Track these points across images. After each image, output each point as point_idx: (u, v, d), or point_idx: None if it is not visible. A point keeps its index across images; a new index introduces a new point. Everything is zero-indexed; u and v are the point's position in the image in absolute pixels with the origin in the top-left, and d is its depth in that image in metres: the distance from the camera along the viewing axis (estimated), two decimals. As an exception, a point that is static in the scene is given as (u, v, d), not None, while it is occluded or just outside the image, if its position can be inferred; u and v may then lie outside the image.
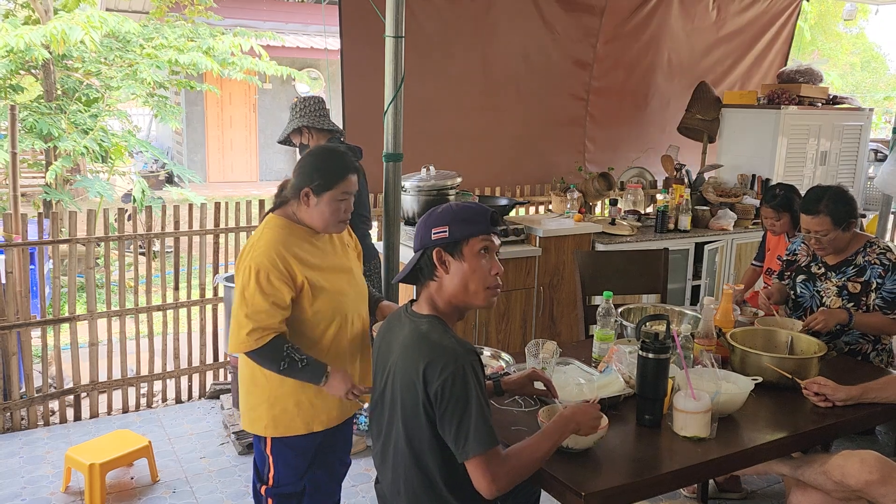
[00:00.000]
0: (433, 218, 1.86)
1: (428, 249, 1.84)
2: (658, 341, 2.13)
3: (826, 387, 2.34)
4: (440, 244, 1.83)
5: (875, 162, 10.30)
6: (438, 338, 1.77)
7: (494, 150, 4.92)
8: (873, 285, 2.93)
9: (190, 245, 4.10)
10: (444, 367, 1.71)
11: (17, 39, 6.13)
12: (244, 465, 3.46)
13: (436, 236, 1.83)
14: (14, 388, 3.68)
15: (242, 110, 13.98)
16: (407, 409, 1.78)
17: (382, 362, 1.91)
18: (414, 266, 1.87)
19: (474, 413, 1.70)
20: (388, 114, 3.61)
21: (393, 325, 1.94)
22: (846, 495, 2.27)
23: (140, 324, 4.21)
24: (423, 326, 1.82)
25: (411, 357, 1.77)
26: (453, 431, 1.71)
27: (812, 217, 2.92)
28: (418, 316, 1.86)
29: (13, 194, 4.02)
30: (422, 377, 1.72)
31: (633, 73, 5.45)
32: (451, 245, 1.82)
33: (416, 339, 1.80)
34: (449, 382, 1.70)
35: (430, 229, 1.84)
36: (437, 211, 1.87)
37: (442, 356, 1.72)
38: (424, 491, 1.82)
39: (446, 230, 1.82)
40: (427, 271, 1.86)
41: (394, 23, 3.49)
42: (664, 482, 1.96)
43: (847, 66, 21.09)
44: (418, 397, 1.74)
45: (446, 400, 1.70)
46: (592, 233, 4.47)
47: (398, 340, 1.86)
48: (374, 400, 1.95)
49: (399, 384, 1.80)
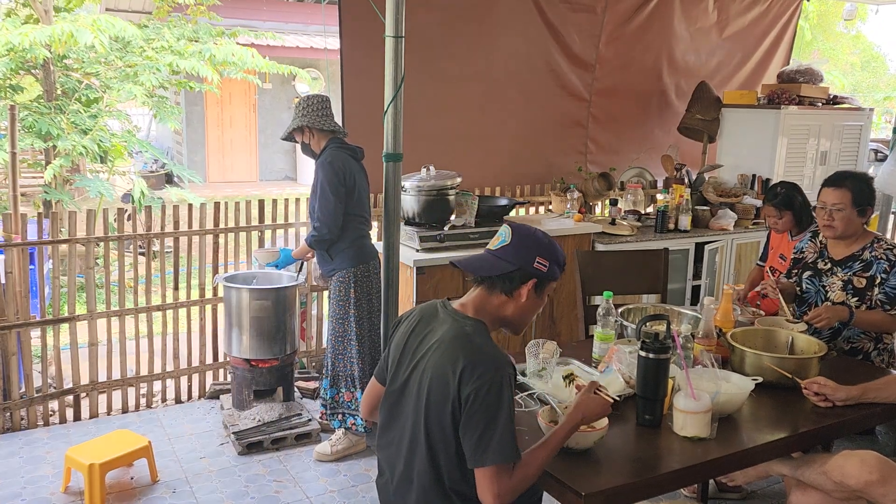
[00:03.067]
0: (542, 247, 1.87)
1: (524, 273, 1.85)
2: (658, 341, 2.12)
3: (826, 387, 2.34)
4: (537, 275, 1.86)
5: (875, 162, 10.32)
6: (482, 343, 1.78)
7: (495, 151, 4.91)
8: (877, 280, 2.93)
9: (190, 245, 4.10)
10: (482, 373, 1.71)
11: (20, 38, 6.13)
12: (244, 465, 3.46)
13: (537, 266, 1.86)
14: (14, 389, 3.67)
15: (242, 110, 13.98)
16: (432, 404, 1.77)
17: (410, 351, 1.89)
18: (498, 277, 1.85)
19: (501, 424, 1.70)
20: (388, 114, 3.60)
21: (427, 317, 1.92)
22: (846, 495, 2.27)
23: (140, 324, 4.21)
24: (468, 328, 1.82)
25: (450, 355, 1.76)
26: (475, 437, 1.71)
27: (834, 189, 2.95)
28: (463, 316, 1.86)
29: (13, 194, 4.02)
30: (458, 376, 1.72)
31: (637, 75, 5.44)
32: (543, 281, 1.88)
33: (458, 338, 1.79)
34: (484, 389, 1.70)
35: (535, 256, 1.86)
36: (545, 241, 1.89)
37: (483, 361, 1.73)
38: (433, 486, 1.81)
39: (547, 265, 1.87)
40: (508, 286, 1.86)
41: (394, 23, 3.48)
42: (664, 482, 1.96)
43: (847, 66, 21.08)
44: (449, 395, 1.74)
45: (477, 405, 1.70)
46: (592, 233, 4.47)
47: (435, 334, 1.85)
48: (392, 386, 1.92)
49: (430, 378, 1.79)
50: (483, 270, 1.87)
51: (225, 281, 3.76)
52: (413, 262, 3.81)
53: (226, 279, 3.79)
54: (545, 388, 2.26)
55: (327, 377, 3.55)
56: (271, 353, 3.72)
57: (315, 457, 3.52)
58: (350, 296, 3.47)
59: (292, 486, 3.28)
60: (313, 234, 3.41)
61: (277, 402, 3.80)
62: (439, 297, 3.93)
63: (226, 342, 3.79)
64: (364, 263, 3.53)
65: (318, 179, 3.38)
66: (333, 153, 3.42)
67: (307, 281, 4.26)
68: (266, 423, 3.67)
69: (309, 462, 3.51)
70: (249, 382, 3.75)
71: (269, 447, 3.60)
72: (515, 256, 1.86)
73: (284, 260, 3.65)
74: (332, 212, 3.36)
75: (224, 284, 3.74)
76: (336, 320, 3.50)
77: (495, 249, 1.89)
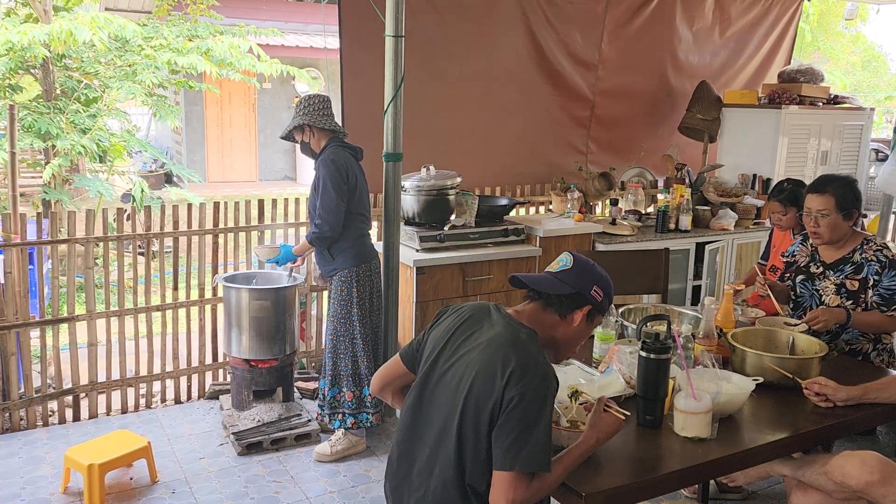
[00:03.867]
0: (600, 277, 1.95)
1: (581, 297, 1.92)
2: (659, 341, 2.12)
3: (827, 387, 2.33)
4: (592, 303, 1.93)
5: (876, 162, 10.32)
6: (535, 352, 1.81)
7: (495, 150, 4.90)
8: (870, 282, 2.92)
9: (189, 245, 4.10)
10: (530, 379, 1.73)
11: (19, 36, 6.12)
12: (243, 465, 3.45)
13: (594, 294, 1.92)
14: (13, 389, 3.67)
15: (242, 110, 13.98)
16: (473, 400, 1.77)
17: (454, 344, 1.89)
18: (556, 296, 1.91)
19: (537, 433, 1.70)
20: (388, 114, 3.60)
21: (479, 314, 1.94)
22: (847, 496, 2.27)
23: (139, 324, 4.20)
24: (523, 335, 1.84)
25: (502, 355, 1.77)
26: (509, 439, 1.70)
27: (818, 195, 2.94)
28: (518, 322, 1.89)
29: (12, 194, 4.01)
30: (506, 377, 1.73)
31: (640, 75, 5.43)
32: (595, 310, 1.95)
33: (512, 341, 1.81)
34: (529, 394, 1.71)
35: (593, 284, 1.93)
36: (602, 274, 1.97)
37: (533, 368, 1.75)
38: (453, 481, 1.80)
39: (602, 296, 1.94)
40: (562, 308, 1.92)
41: (394, 22, 3.48)
42: (665, 482, 1.95)
43: (848, 66, 21.08)
44: (492, 395, 1.74)
45: (517, 408, 1.71)
46: (593, 233, 4.46)
47: (485, 333, 1.86)
48: (427, 374, 1.92)
49: (475, 374, 1.79)
50: (543, 286, 1.93)
51: (224, 281, 3.75)
52: (413, 262, 3.81)
53: (225, 279, 3.78)
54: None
55: (327, 377, 3.54)
56: (271, 354, 3.71)
57: (315, 457, 3.52)
58: (352, 295, 3.47)
59: (292, 487, 3.28)
60: (315, 231, 3.41)
61: (277, 403, 3.79)
62: (439, 297, 3.98)
63: (225, 342, 3.79)
64: (366, 263, 3.52)
65: (320, 177, 3.38)
66: (335, 151, 3.42)
67: (307, 281, 4.26)
68: (266, 424, 3.67)
69: (308, 462, 3.50)
70: (249, 383, 3.74)
71: (268, 448, 3.59)
72: (575, 281, 1.92)
73: (285, 256, 3.64)
74: (335, 209, 3.35)
75: (223, 284, 3.74)
76: (338, 320, 3.49)
77: (556, 272, 1.94)
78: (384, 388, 2.10)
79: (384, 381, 2.09)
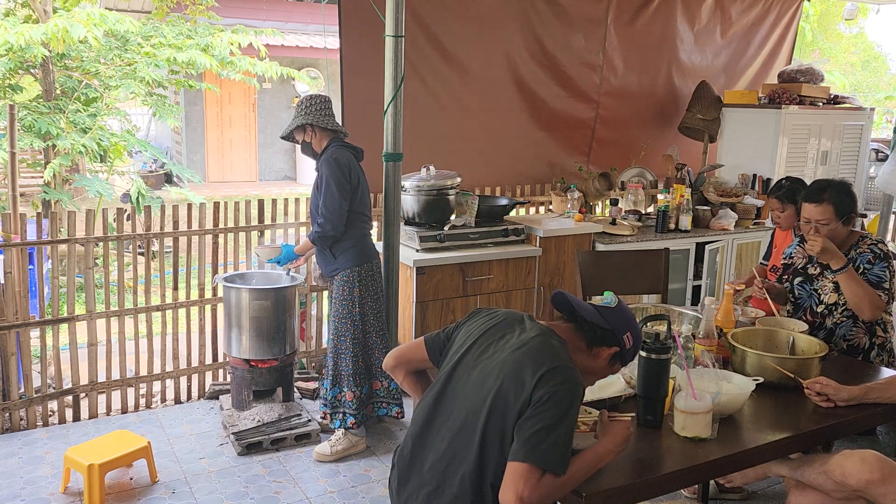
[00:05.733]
0: (634, 328, 1.99)
1: (613, 338, 1.95)
2: (659, 341, 2.12)
3: (828, 387, 2.33)
4: (621, 346, 1.96)
5: (876, 162, 10.30)
6: (567, 358, 1.84)
7: (495, 151, 4.90)
8: (860, 270, 2.92)
9: (189, 245, 4.09)
10: (560, 382, 1.75)
11: (16, 37, 6.11)
12: (243, 465, 3.45)
13: (625, 338, 1.97)
14: (13, 389, 3.67)
15: (242, 110, 13.97)
16: (502, 398, 1.78)
17: (486, 341, 1.93)
18: (592, 325, 1.95)
19: (561, 431, 1.72)
20: (388, 113, 3.61)
21: (512, 322, 1.97)
22: (846, 495, 2.27)
23: (139, 324, 4.20)
24: (556, 342, 1.88)
25: (534, 357, 1.81)
26: (529, 433, 1.71)
27: (815, 205, 2.93)
28: (551, 331, 1.93)
29: (12, 194, 4.00)
30: (536, 378, 1.75)
31: (643, 76, 5.43)
32: (621, 354, 1.97)
33: (546, 346, 1.85)
34: (558, 395, 1.73)
35: (628, 329, 1.97)
36: (637, 327, 2.01)
37: (564, 372, 1.78)
38: (472, 475, 1.80)
39: (632, 344, 1.98)
40: (593, 339, 1.96)
41: (394, 22, 3.48)
42: (665, 483, 1.96)
43: (847, 66, 21.08)
44: (522, 394, 1.76)
45: (544, 405, 1.73)
46: (593, 233, 4.46)
47: (519, 335, 1.90)
48: (455, 368, 1.93)
49: (507, 372, 1.80)
50: (584, 311, 1.97)
51: (224, 281, 3.75)
52: (413, 263, 3.81)
53: (225, 279, 3.78)
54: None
55: (328, 377, 3.54)
56: (271, 354, 3.71)
57: (315, 457, 3.52)
58: (354, 295, 3.47)
59: (292, 487, 3.28)
60: (317, 231, 3.40)
61: (277, 403, 3.79)
62: (439, 297, 3.99)
63: (225, 342, 3.79)
64: (368, 262, 3.52)
65: (323, 176, 3.38)
66: (338, 151, 3.41)
67: (307, 281, 4.26)
68: (266, 424, 3.67)
69: (309, 462, 3.50)
70: (249, 383, 3.74)
71: (268, 448, 3.59)
72: (613, 319, 1.96)
73: (286, 256, 3.64)
74: (338, 208, 3.35)
75: (223, 284, 3.73)
76: (339, 320, 3.49)
77: (599, 306, 1.99)
78: (398, 366, 2.13)
79: (401, 360, 2.12)
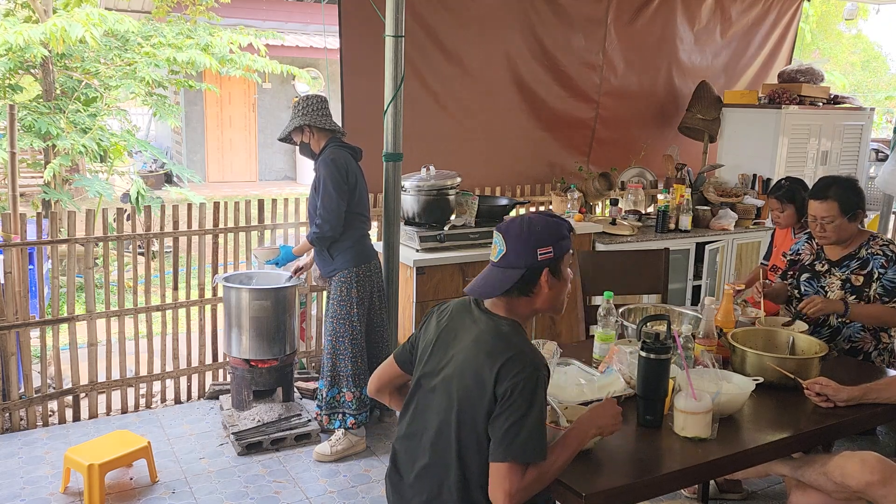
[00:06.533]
0: (536, 237, 1.82)
1: (533, 271, 1.82)
2: (659, 341, 2.12)
3: (828, 387, 2.33)
4: (547, 265, 1.82)
5: (876, 162, 10.31)
6: (519, 342, 1.79)
7: (495, 151, 4.90)
8: (875, 275, 2.92)
9: (189, 245, 4.09)
10: (519, 371, 1.71)
11: (15, 36, 6.11)
12: (243, 465, 3.45)
13: (542, 257, 1.81)
14: (13, 389, 3.67)
15: (242, 110, 13.97)
16: (467, 400, 1.77)
17: (443, 345, 1.89)
18: (511, 286, 1.82)
19: (531, 420, 1.70)
20: (388, 113, 3.61)
21: (461, 313, 1.91)
22: (847, 496, 2.27)
23: (139, 324, 4.20)
24: (505, 328, 1.82)
25: (487, 353, 1.76)
26: (503, 429, 1.70)
27: (820, 202, 2.94)
28: (497, 316, 1.86)
29: (12, 194, 4.00)
30: (495, 374, 1.72)
31: (643, 76, 5.43)
32: (555, 265, 1.84)
33: (495, 338, 1.79)
34: (520, 385, 1.70)
35: (535, 249, 1.81)
36: (537, 228, 1.83)
37: (521, 359, 1.73)
38: (457, 483, 1.80)
39: (552, 251, 1.82)
40: (525, 289, 1.84)
41: (394, 22, 3.48)
42: (665, 483, 1.95)
43: (847, 66, 21.08)
44: (485, 393, 1.74)
45: (511, 399, 1.70)
46: (593, 233, 4.46)
47: (469, 333, 1.84)
48: (422, 378, 1.92)
49: (466, 374, 1.79)
50: (495, 290, 1.85)
51: (224, 281, 3.75)
52: (413, 262, 3.81)
53: (225, 279, 3.78)
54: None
55: (326, 378, 3.54)
56: (271, 354, 3.71)
57: (315, 457, 3.52)
58: (352, 296, 3.47)
59: (292, 487, 3.28)
60: (315, 231, 3.40)
61: (277, 403, 3.79)
62: (439, 297, 3.97)
63: (225, 342, 3.78)
64: (366, 263, 3.52)
65: (321, 177, 3.38)
66: (335, 151, 3.41)
67: (307, 281, 4.25)
68: (266, 424, 3.66)
69: (308, 462, 3.50)
70: (249, 383, 3.74)
71: (268, 448, 3.59)
72: (517, 261, 1.82)
73: (285, 257, 3.64)
74: (336, 209, 3.35)
75: (223, 284, 3.73)
76: (337, 320, 3.49)
77: (497, 261, 1.86)
78: (381, 390, 2.10)
79: (380, 383, 2.10)
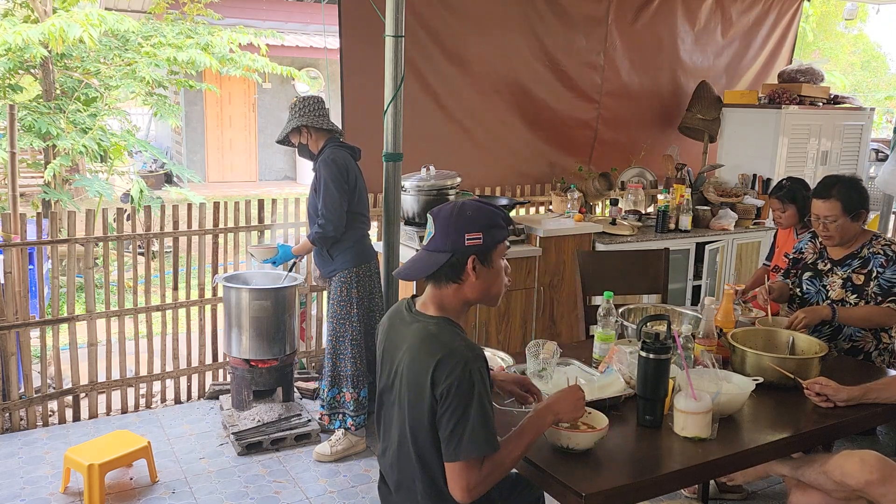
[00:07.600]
0: (465, 221, 1.80)
1: (459, 255, 1.79)
2: (659, 341, 2.12)
3: (828, 387, 2.33)
4: (474, 251, 1.79)
5: (876, 162, 10.32)
6: (448, 340, 1.76)
7: (495, 151, 4.90)
8: (874, 274, 2.93)
9: (189, 245, 4.09)
10: (451, 370, 1.70)
11: (14, 36, 6.11)
12: (244, 465, 3.45)
13: (469, 242, 1.79)
14: (13, 389, 3.67)
15: (242, 110, 13.97)
16: (413, 409, 1.77)
17: (389, 358, 1.89)
18: (436, 271, 1.81)
19: (473, 417, 1.70)
20: (388, 113, 3.60)
21: (395, 322, 1.92)
22: (847, 495, 2.27)
23: (139, 324, 4.20)
24: (432, 328, 1.80)
25: (420, 358, 1.75)
26: (448, 432, 1.71)
27: (823, 201, 2.94)
28: (425, 316, 1.84)
29: (12, 194, 4.00)
30: (430, 378, 1.72)
31: (645, 76, 5.43)
32: (484, 252, 1.80)
33: (424, 340, 1.77)
34: (455, 385, 1.70)
35: (462, 234, 1.78)
36: (467, 213, 1.81)
37: (451, 358, 1.71)
38: (429, 490, 1.82)
39: (481, 237, 1.79)
40: (452, 274, 1.81)
41: (394, 22, 3.48)
42: (665, 483, 1.95)
43: (847, 66, 21.08)
44: (426, 399, 1.74)
45: (449, 400, 1.70)
46: (593, 233, 4.46)
47: (405, 340, 1.83)
48: (380, 395, 1.94)
49: (406, 384, 1.79)
50: (419, 273, 1.83)
51: (224, 281, 3.75)
52: (413, 262, 3.80)
53: (225, 279, 3.78)
54: (545, 388, 2.25)
55: (327, 378, 3.54)
56: (271, 354, 3.71)
57: (315, 457, 3.52)
58: (352, 296, 3.47)
59: (292, 487, 3.28)
60: (317, 231, 3.40)
61: (277, 403, 3.79)
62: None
63: (225, 342, 3.79)
64: (366, 263, 3.52)
65: (321, 177, 3.38)
66: (335, 151, 3.41)
67: (307, 281, 4.25)
68: (265, 424, 3.67)
69: (308, 462, 3.50)
70: (249, 383, 3.74)
71: (268, 448, 3.59)
72: (444, 244, 1.80)
73: (283, 256, 3.63)
74: (337, 208, 3.35)
75: (223, 284, 3.73)
76: (337, 321, 3.49)
77: (426, 244, 1.84)
78: None
79: None
